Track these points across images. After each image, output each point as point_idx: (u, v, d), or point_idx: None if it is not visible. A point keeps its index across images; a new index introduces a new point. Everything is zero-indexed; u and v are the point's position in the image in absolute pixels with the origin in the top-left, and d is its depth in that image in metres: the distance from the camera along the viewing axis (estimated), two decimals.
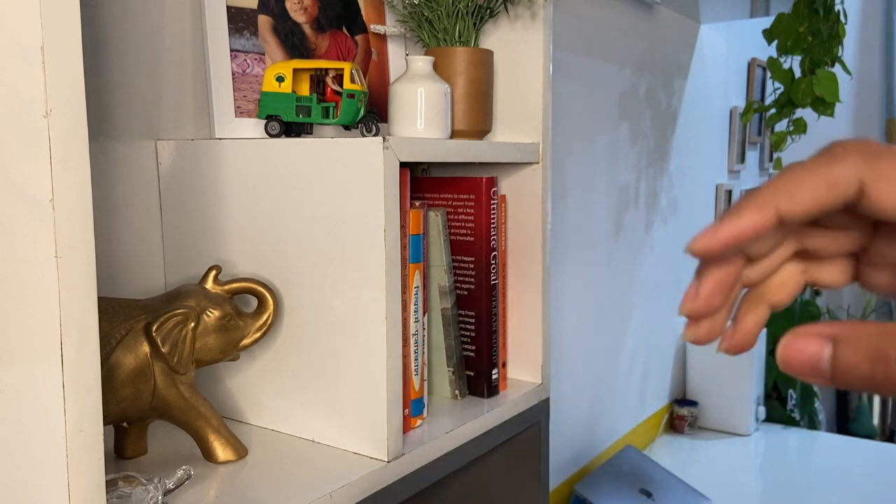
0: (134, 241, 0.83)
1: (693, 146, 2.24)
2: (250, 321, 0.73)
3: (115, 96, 0.79)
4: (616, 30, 1.75)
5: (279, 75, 0.81)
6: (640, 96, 1.90)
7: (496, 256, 0.94)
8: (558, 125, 1.54)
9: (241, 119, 0.85)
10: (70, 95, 0.45)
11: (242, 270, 0.80)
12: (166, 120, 0.84)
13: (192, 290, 0.71)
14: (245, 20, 0.86)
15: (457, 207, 0.94)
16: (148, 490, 0.60)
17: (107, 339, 0.64)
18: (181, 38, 0.84)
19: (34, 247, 0.46)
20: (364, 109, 0.83)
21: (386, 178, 0.70)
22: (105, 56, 0.78)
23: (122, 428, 0.72)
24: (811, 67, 1.65)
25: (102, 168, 0.79)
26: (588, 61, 1.65)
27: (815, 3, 1.61)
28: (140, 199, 0.83)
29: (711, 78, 2.33)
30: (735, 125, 2.53)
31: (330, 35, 0.95)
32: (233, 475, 0.69)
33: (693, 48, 2.18)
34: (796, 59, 1.69)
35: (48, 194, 0.45)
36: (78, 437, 0.47)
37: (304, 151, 0.74)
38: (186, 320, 0.68)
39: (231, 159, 0.79)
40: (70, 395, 0.46)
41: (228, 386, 0.83)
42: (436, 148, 0.79)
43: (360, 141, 0.71)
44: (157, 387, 0.67)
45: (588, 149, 1.68)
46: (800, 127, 1.75)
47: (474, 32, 0.93)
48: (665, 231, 2.09)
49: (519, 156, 0.93)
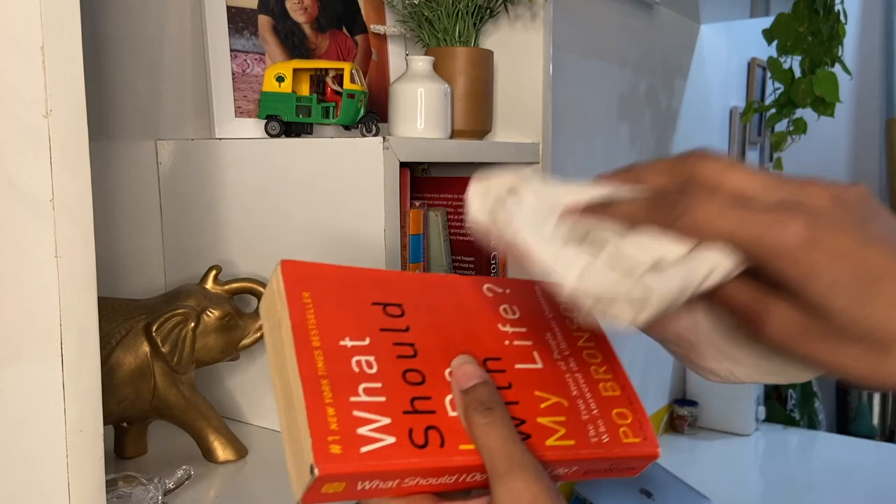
0: (134, 241, 0.83)
1: (693, 146, 2.23)
2: (250, 321, 0.73)
3: (115, 96, 0.79)
4: (616, 30, 1.75)
5: (279, 75, 0.81)
6: (640, 96, 1.89)
7: (496, 256, 0.94)
8: (558, 125, 1.54)
9: (241, 119, 0.85)
10: (70, 95, 0.45)
11: (242, 270, 0.80)
12: (166, 120, 0.84)
13: (192, 290, 0.71)
14: (245, 20, 0.86)
15: (457, 207, 0.94)
16: (148, 490, 0.60)
17: (107, 339, 0.64)
18: (181, 37, 0.84)
19: (34, 247, 0.46)
20: (364, 109, 0.83)
21: (386, 178, 0.70)
22: (105, 56, 0.78)
23: (122, 428, 0.72)
24: (811, 67, 1.65)
25: (102, 168, 0.79)
26: (588, 61, 1.65)
27: (815, 3, 1.61)
28: (140, 199, 0.83)
29: (711, 78, 2.33)
30: (735, 125, 2.53)
31: (330, 35, 0.95)
32: (233, 475, 0.69)
33: (693, 48, 2.18)
34: (796, 59, 1.69)
35: (48, 194, 0.45)
36: (78, 437, 0.47)
37: (304, 151, 0.74)
38: (186, 320, 0.68)
39: (231, 159, 0.79)
40: (70, 395, 0.46)
41: (228, 386, 0.83)
42: (436, 148, 0.79)
43: (360, 141, 0.71)
44: (157, 387, 0.67)
45: (588, 149, 1.68)
46: (800, 127, 1.75)
47: (474, 32, 0.93)
48: None
49: (519, 156, 0.93)
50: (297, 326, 0.36)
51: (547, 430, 0.37)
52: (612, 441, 0.38)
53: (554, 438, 0.37)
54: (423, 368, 0.37)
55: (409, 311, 0.40)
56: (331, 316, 0.37)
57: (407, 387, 0.36)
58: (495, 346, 0.40)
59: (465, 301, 0.41)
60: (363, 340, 0.37)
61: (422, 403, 0.36)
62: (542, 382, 0.39)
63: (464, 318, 0.40)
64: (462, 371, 0.37)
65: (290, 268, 0.38)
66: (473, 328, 0.40)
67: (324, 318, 0.37)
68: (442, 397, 0.36)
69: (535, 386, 0.39)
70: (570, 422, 0.38)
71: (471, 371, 0.37)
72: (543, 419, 0.37)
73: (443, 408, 0.36)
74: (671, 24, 2.03)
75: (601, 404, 0.39)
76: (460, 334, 0.40)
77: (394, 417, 0.35)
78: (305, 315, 0.37)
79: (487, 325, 0.41)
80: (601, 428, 0.38)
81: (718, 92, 2.40)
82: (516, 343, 0.41)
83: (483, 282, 0.43)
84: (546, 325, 0.42)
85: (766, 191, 0.32)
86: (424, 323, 0.39)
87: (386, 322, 0.39)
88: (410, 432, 0.35)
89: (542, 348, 0.41)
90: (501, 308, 0.42)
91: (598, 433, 0.38)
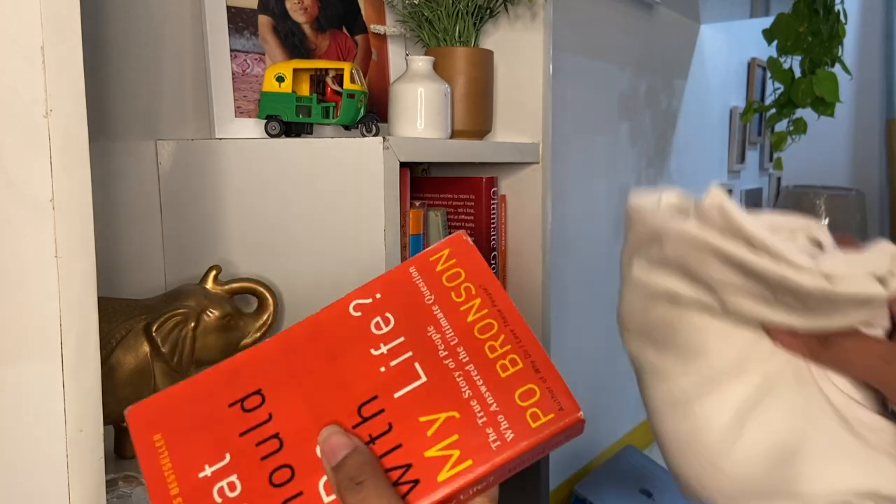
0: (134, 241, 0.83)
1: (693, 146, 2.24)
2: (250, 321, 0.73)
3: (115, 96, 0.79)
4: (616, 30, 1.75)
5: (279, 75, 0.81)
6: (640, 96, 1.89)
7: (496, 256, 0.94)
8: (558, 125, 1.54)
9: (241, 119, 0.85)
10: (70, 95, 0.45)
11: (242, 270, 0.80)
12: (166, 120, 0.84)
13: (192, 290, 0.71)
14: (245, 20, 0.86)
15: (457, 207, 0.94)
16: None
17: (107, 339, 0.64)
18: (181, 38, 0.84)
19: (34, 247, 0.46)
20: (364, 109, 0.83)
21: (386, 178, 0.70)
22: (105, 56, 0.78)
23: (122, 428, 0.72)
24: (811, 67, 1.65)
25: (102, 168, 0.79)
26: (588, 61, 1.65)
27: (815, 3, 1.61)
28: (140, 199, 0.83)
29: (711, 78, 2.33)
30: (735, 125, 2.53)
31: (330, 35, 0.95)
32: None
33: (693, 48, 2.18)
34: (796, 59, 1.69)
35: (48, 194, 0.45)
36: (78, 437, 0.47)
37: (304, 151, 0.74)
38: (186, 320, 0.68)
39: (231, 159, 0.79)
40: (70, 395, 0.46)
41: None
42: (436, 148, 0.79)
43: (360, 141, 0.71)
44: (157, 387, 0.67)
45: (588, 149, 1.68)
46: (800, 127, 1.75)
47: (474, 32, 0.93)
48: None
49: (519, 156, 0.93)
50: (151, 480, 0.36)
51: (438, 462, 0.36)
52: (520, 433, 0.36)
53: (447, 468, 0.35)
54: (291, 460, 0.36)
55: (270, 392, 0.38)
56: (186, 447, 0.37)
57: (274, 492, 0.36)
58: (369, 382, 0.38)
59: (330, 340, 0.40)
60: (222, 460, 0.37)
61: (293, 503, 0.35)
62: (428, 401, 0.37)
63: (331, 365, 0.39)
64: (328, 446, 0.36)
65: (136, 413, 0.38)
66: (343, 373, 0.39)
67: (178, 454, 0.37)
68: (315, 484, 0.36)
69: (419, 410, 0.37)
70: (465, 436, 0.36)
71: (337, 443, 0.36)
72: (432, 451, 0.36)
73: (317, 498, 0.35)
74: (671, 24, 2.03)
75: (500, 393, 0.37)
76: (329, 390, 0.38)
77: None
78: (159, 461, 0.37)
79: (358, 361, 0.39)
80: (503, 425, 0.36)
81: (718, 92, 2.40)
82: (393, 364, 0.39)
83: (349, 301, 0.41)
84: (427, 317, 0.40)
85: None
86: (287, 399, 0.38)
87: (245, 421, 0.38)
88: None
89: (425, 353, 0.39)
90: (373, 323, 0.40)
91: (500, 434, 0.36)
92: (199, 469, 0.37)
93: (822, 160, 3.11)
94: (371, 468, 0.34)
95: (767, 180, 3.06)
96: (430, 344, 0.39)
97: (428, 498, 0.35)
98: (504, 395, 0.37)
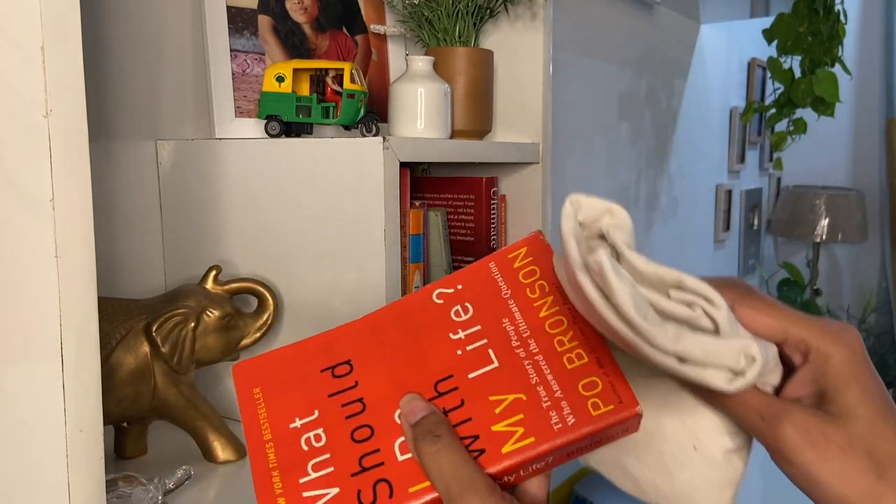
0: (134, 241, 0.83)
1: (693, 146, 2.24)
2: (250, 321, 0.73)
3: (115, 96, 0.79)
4: (616, 30, 1.75)
5: (279, 75, 0.81)
6: (640, 96, 1.90)
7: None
8: (558, 125, 1.54)
9: (241, 119, 0.85)
10: (70, 95, 0.45)
11: (242, 270, 0.80)
12: (166, 120, 0.84)
13: (192, 290, 0.71)
14: (245, 20, 0.86)
15: (457, 207, 0.94)
16: (148, 490, 0.60)
17: (107, 339, 0.64)
18: (181, 38, 0.85)
19: (34, 247, 0.46)
20: (364, 109, 0.83)
21: (386, 178, 0.70)
22: (105, 56, 0.78)
23: (122, 428, 0.72)
24: (811, 67, 1.65)
25: (102, 168, 0.79)
26: (588, 61, 1.65)
27: (815, 3, 1.61)
28: (140, 199, 0.83)
29: (711, 78, 2.33)
30: (735, 125, 2.53)
31: (330, 35, 0.95)
32: (233, 475, 0.69)
33: (693, 48, 2.18)
34: (796, 59, 1.69)
35: (48, 194, 0.45)
36: (78, 437, 0.47)
37: (304, 151, 0.74)
38: (186, 320, 0.68)
39: (231, 159, 0.79)
40: (70, 395, 0.46)
41: (228, 386, 0.83)
42: (436, 148, 0.79)
43: (360, 141, 0.71)
44: (157, 387, 0.67)
45: (588, 149, 1.68)
46: (800, 127, 1.75)
47: (474, 32, 0.93)
48: (665, 231, 2.09)
49: (519, 156, 0.93)
50: (248, 426, 0.41)
51: (503, 437, 0.38)
52: (581, 420, 0.38)
53: (511, 442, 0.38)
54: (372, 420, 0.40)
55: (358, 363, 0.42)
56: (281, 401, 0.42)
57: (355, 446, 0.39)
58: (446, 362, 0.41)
59: (414, 323, 0.43)
60: (312, 415, 0.41)
61: (370, 459, 0.38)
62: (499, 383, 0.40)
63: (413, 344, 0.42)
64: (409, 408, 0.39)
65: (240, 369, 0.43)
66: (424, 351, 0.42)
67: (274, 406, 0.41)
68: (391, 444, 0.39)
69: (490, 390, 0.40)
70: (529, 417, 0.38)
71: (417, 406, 0.39)
72: (498, 426, 0.38)
73: (392, 455, 0.38)
74: (671, 24, 2.03)
75: (565, 383, 0.39)
76: (410, 365, 0.42)
77: (342, 485, 0.37)
78: (256, 411, 0.41)
79: (438, 342, 0.42)
80: (565, 410, 0.38)
81: (718, 92, 2.40)
82: (469, 348, 0.42)
83: (433, 289, 0.45)
84: (503, 310, 0.43)
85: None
86: (372, 370, 0.42)
87: (333, 385, 0.42)
88: (359, 494, 0.37)
89: (498, 342, 0.42)
90: (453, 311, 0.44)
91: (562, 417, 0.38)
92: (290, 420, 0.41)
93: (822, 160, 3.11)
94: (446, 427, 0.38)
95: (767, 180, 3.07)
96: (504, 334, 0.42)
97: (492, 467, 0.37)
98: (568, 384, 0.39)
